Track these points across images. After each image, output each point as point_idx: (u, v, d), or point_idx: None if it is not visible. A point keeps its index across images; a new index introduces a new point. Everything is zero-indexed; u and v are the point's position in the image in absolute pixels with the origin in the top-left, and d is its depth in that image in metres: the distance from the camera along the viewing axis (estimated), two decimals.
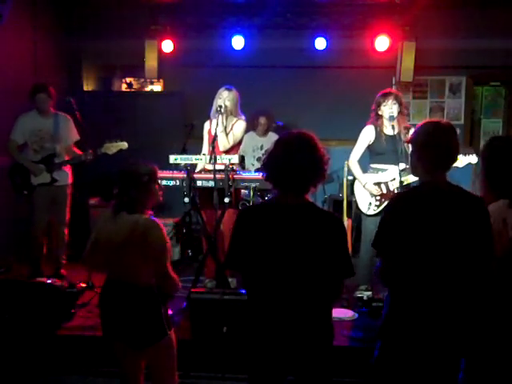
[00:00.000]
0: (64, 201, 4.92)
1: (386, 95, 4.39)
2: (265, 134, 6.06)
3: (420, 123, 2.49)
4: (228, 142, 4.61)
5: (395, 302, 2.42)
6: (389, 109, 4.35)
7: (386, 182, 4.45)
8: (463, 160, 4.16)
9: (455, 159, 2.43)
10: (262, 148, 5.94)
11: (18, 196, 4.90)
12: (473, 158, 4.10)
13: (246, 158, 5.45)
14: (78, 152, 4.88)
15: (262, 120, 5.95)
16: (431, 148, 2.36)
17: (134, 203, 2.72)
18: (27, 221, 4.94)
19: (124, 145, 4.81)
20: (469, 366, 2.50)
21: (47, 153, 4.83)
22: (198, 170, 4.50)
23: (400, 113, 4.40)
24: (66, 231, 4.99)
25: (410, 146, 2.56)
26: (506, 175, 2.55)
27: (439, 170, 2.39)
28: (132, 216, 2.70)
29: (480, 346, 2.48)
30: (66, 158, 4.89)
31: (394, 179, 4.38)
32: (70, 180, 4.96)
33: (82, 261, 2.86)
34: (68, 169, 4.95)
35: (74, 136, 4.97)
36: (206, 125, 4.82)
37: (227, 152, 4.59)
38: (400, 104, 4.40)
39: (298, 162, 2.24)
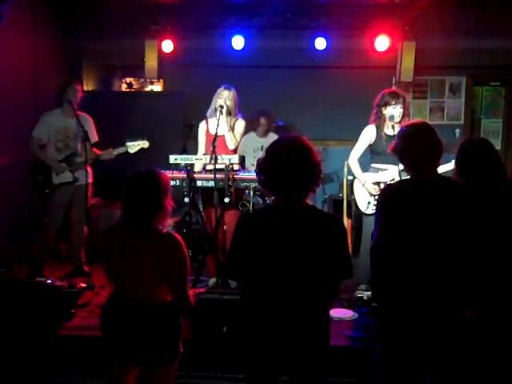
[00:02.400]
0: (84, 200, 4.91)
1: (394, 97, 4.37)
2: (265, 134, 6.04)
3: (402, 127, 2.69)
4: (236, 139, 4.61)
5: (392, 303, 2.44)
6: (394, 111, 4.35)
7: (386, 182, 4.45)
8: None
9: (440, 155, 2.53)
10: (262, 149, 5.92)
11: (39, 194, 4.86)
12: None
13: (246, 159, 5.45)
14: (97, 152, 4.87)
15: (263, 120, 5.94)
16: (415, 149, 2.49)
17: (150, 217, 2.50)
18: (41, 219, 4.91)
19: (145, 143, 4.85)
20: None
21: (70, 151, 4.84)
22: (196, 170, 4.50)
23: (403, 115, 4.41)
24: (85, 229, 4.96)
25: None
26: (472, 174, 2.75)
27: (427, 167, 2.49)
28: (150, 231, 2.51)
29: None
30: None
31: (393, 179, 4.38)
32: (90, 179, 4.92)
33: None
34: (89, 168, 4.95)
35: (94, 137, 4.97)
36: (202, 125, 4.79)
37: (231, 152, 4.59)
38: (405, 107, 4.41)
39: (292, 169, 2.23)
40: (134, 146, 4.82)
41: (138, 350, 2.52)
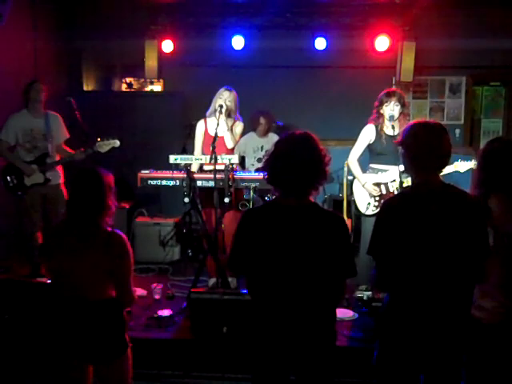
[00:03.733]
0: (60, 200, 4.89)
1: (389, 95, 4.38)
2: (265, 134, 6.04)
3: (408, 124, 2.50)
4: (234, 139, 4.62)
5: (392, 304, 2.43)
6: (390, 109, 4.35)
7: (386, 183, 4.44)
8: (464, 165, 4.17)
9: (447, 160, 2.41)
10: (262, 149, 5.93)
11: (11, 196, 4.86)
12: (474, 164, 4.10)
13: (246, 159, 5.45)
14: (69, 150, 4.86)
15: (262, 120, 5.94)
16: (419, 149, 2.37)
17: (93, 215, 2.53)
18: (20, 221, 4.92)
19: (116, 143, 4.78)
20: (469, 360, 2.51)
21: (40, 152, 4.81)
22: (192, 170, 4.49)
23: (402, 114, 4.40)
24: None
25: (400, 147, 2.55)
26: (499, 177, 2.54)
27: (431, 170, 2.38)
28: (94, 230, 2.54)
29: (478, 340, 2.49)
30: (57, 157, 4.88)
31: (394, 180, 4.37)
32: (61, 179, 4.93)
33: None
34: (59, 168, 4.94)
35: (65, 135, 4.96)
36: (200, 125, 4.77)
37: (229, 152, 4.60)
38: (403, 105, 4.39)
39: (298, 165, 2.23)
40: (104, 146, 4.76)
41: (84, 346, 2.56)
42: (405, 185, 4.22)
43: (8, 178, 4.80)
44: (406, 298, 2.37)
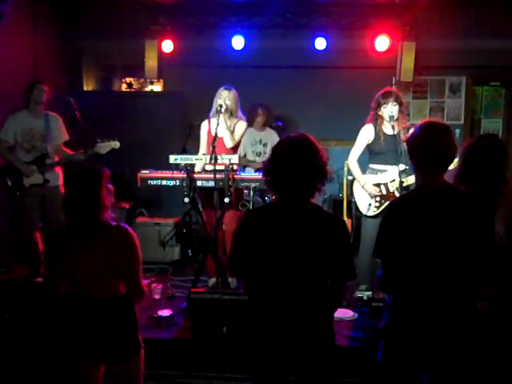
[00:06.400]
0: (58, 201, 4.86)
1: (386, 96, 4.36)
2: (263, 127, 6.01)
3: (418, 123, 2.49)
4: (234, 139, 4.62)
5: (398, 305, 2.42)
6: (389, 110, 4.34)
7: (386, 183, 4.43)
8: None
9: (451, 160, 2.41)
10: (260, 142, 5.91)
11: (10, 197, 4.85)
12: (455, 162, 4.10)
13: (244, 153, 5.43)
14: (68, 151, 4.86)
15: (261, 111, 5.89)
16: (423, 149, 2.37)
17: (93, 213, 2.52)
18: (19, 221, 4.92)
19: (116, 144, 4.78)
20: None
21: (39, 153, 4.81)
22: (196, 170, 4.50)
23: (400, 113, 4.38)
24: None
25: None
26: (477, 176, 2.59)
27: (434, 171, 2.38)
28: (97, 227, 2.53)
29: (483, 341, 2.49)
30: (56, 158, 4.88)
31: (394, 180, 4.37)
32: (60, 181, 4.92)
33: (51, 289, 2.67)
34: (59, 169, 4.93)
35: (64, 136, 4.96)
36: (204, 125, 4.81)
37: (229, 152, 4.60)
38: (400, 104, 4.38)
39: (297, 169, 2.23)
40: (104, 147, 4.75)
41: (97, 347, 2.54)
42: (405, 184, 4.21)
43: (7, 178, 4.80)
44: (412, 299, 2.37)
